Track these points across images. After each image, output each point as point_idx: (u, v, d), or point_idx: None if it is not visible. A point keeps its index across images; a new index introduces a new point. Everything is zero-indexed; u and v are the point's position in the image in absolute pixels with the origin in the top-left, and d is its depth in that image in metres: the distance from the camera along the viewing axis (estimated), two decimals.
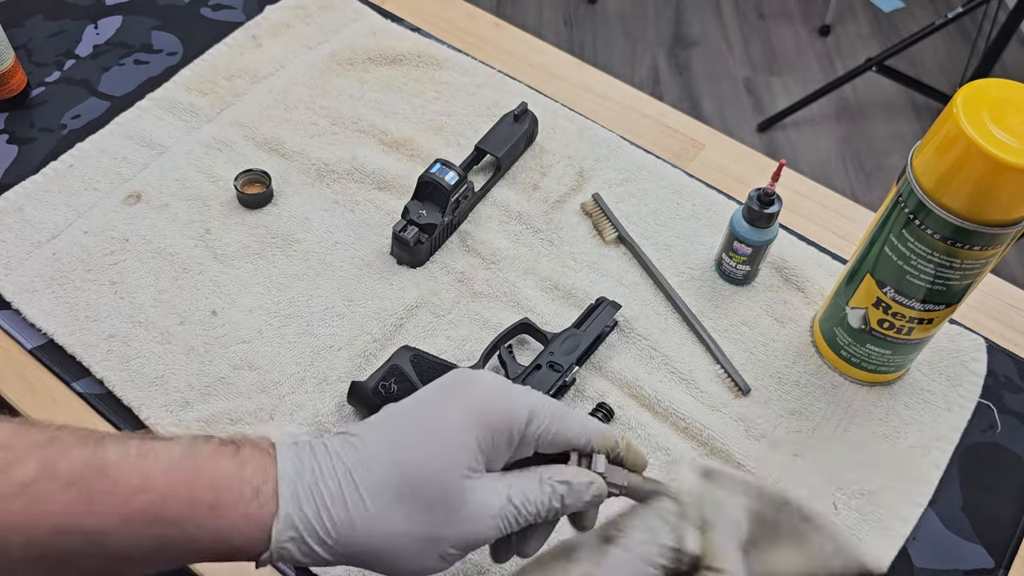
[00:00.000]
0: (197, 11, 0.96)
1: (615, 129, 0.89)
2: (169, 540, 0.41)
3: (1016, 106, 0.55)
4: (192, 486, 0.41)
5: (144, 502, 0.40)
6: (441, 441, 0.44)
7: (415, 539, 0.44)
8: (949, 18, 1.90)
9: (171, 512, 0.41)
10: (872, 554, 0.62)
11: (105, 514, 0.40)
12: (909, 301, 0.63)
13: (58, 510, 0.39)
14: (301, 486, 0.43)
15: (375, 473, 0.44)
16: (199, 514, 0.41)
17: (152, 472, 0.41)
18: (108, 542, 0.40)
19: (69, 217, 0.78)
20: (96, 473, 0.40)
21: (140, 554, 0.41)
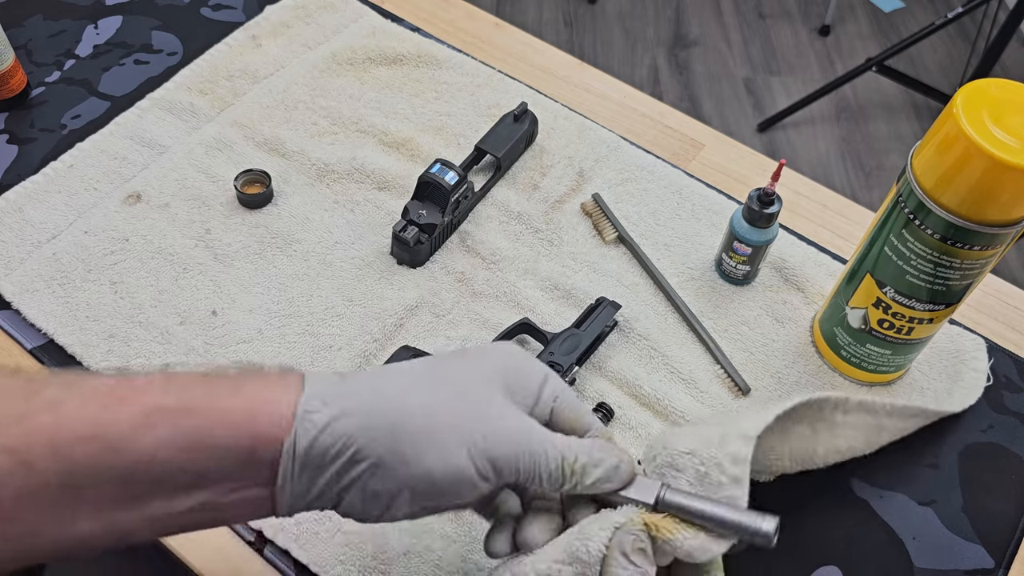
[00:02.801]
0: (197, 11, 0.96)
1: (615, 129, 0.89)
2: (191, 436, 0.39)
3: (1016, 106, 0.55)
4: (215, 378, 0.41)
5: (164, 400, 0.39)
6: (468, 371, 0.45)
7: (439, 410, 0.42)
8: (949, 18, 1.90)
9: (193, 402, 0.40)
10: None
11: (125, 416, 0.39)
12: (909, 301, 0.63)
13: (80, 416, 0.38)
14: (331, 376, 0.43)
15: (403, 369, 0.44)
16: (221, 400, 0.40)
17: (175, 377, 0.41)
18: (131, 447, 0.39)
19: (69, 217, 0.78)
20: (120, 383, 0.40)
21: (166, 460, 0.39)
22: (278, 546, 0.62)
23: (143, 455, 0.39)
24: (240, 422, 0.40)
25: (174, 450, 0.39)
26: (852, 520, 0.65)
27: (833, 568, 0.63)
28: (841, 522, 0.65)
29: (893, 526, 0.65)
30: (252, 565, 0.62)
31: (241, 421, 0.40)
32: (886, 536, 0.65)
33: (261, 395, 0.41)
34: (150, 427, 0.39)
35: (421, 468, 0.42)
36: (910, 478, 0.67)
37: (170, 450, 0.39)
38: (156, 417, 0.39)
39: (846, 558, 0.63)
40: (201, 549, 0.62)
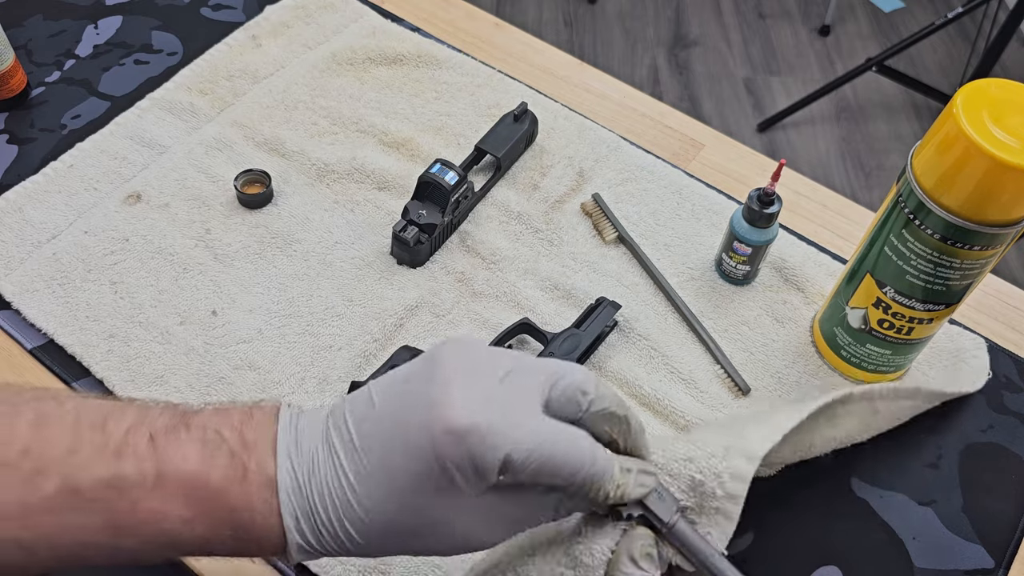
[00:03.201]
0: (197, 11, 0.96)
1: (615, 129, 0.89)
2: (189, 551, 0.43)
3: (1016, 106, 0.55)
4: (210, 514, 0.41)
5: (165, 530, 0.41)
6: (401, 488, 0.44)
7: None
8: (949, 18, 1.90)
9: (192, 538, 0.42)
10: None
11: (126, 537, 0.41)
12: (909, 301, 0.63)
13: (81, 528, 0.40)
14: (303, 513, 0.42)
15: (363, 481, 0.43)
16: (219, 538, 0.42)
17: (171, 498, 0.41)
18: (131, 556, 0.42)
19: (69, 217, 0.78)
20: (116, 495, 0.41)
21: (171, 552, 0.43)
22: None
23: (147, 559, 0.42)
24: (242, 551, 0.43)
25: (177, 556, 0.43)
26: (852, 520, 0.65)
27: (833, 568, 0.63)
28: (841, 522, 0.65)
29: (893, 526, 0.65)
30: (252, 565, 0.62)
31: (242, 550, 0.43)
32: (886, 536, 0.65)
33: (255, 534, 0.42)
34: (153, 549, 0.42)
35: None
36: (910, 478, 0.67)
37: (173, 556, 0.43)
38: (157, 544, 0.41)
39: (846, 558, 0.63)
40: None
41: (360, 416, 0.42)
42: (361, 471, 0.41)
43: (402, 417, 0.41)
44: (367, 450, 0.41)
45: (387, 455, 0.41)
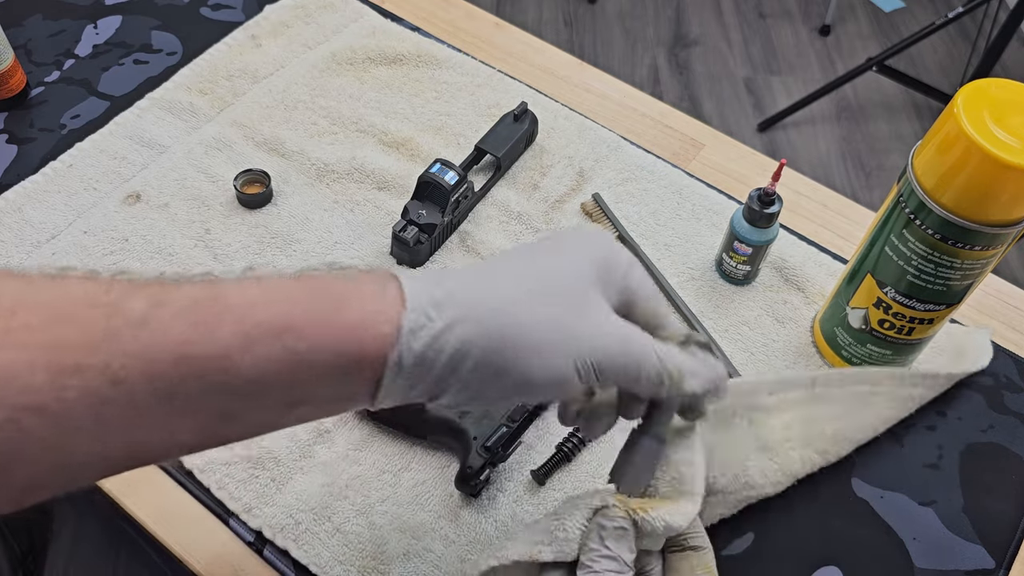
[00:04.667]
0: (196, 11, 0.96)
1: (615, 129, 0.89)
2: (293, 355, 0.37)
3: (1017, 106, 0.55)
4: (314, 291, 0.39)
5: (264, 316, 0.37)
6: (569, 261, 0.44)
7: (550, 324, 0.42)
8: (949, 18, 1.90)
9: (294, 320, 0.38)
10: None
11: (224, 334, 0.37)
12: (910, 301, 0.63)
13: (175, 337, 0.36)
14: (429, 282, 0.41)
15: (507, 271, 0.43)
16: (323, 316, 0.38)
17: (269, 289, 0.38)
18: (231, 367, 0.37)
19: (69, 217, 0.78)
20: (211, 299, 0.37)
21: (264, 381, 0.38)
22: (277, 547, 0.61)
23: (244, 377, 0.37)
24: (345, 341, 0.38)
25: (276, 371, 0.37)
26: (852, 520, 0.65)
27: (833, 568, 0.63)
28: (841, 522, 0.65)
29: (893, 526, 0.65)
30: (251, 566, 0.62)
31: (346, 340, 0.38)
32: (886, 536, 0.65)
33: (364, 311, 0.39)
34: (249, 348, 0.37)
35: (525, 378, 0.42)
36: (910, 478, 0.67)
37: (272, 372, 0.37)
38: (255, 336, 0.37)
39: (846, 558, 0.63)
40: (201, 550, 0.62)
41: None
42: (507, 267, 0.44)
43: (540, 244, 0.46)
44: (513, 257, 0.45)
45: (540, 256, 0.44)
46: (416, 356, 0.40)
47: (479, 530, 0.63)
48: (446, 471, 0.65)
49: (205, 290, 0.37)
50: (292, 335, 0.37)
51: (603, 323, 0.43)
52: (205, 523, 0.63)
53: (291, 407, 0.40)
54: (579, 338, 0.42)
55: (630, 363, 0.43)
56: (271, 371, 0.37)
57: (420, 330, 0.39)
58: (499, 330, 0.41)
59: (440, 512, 0.63)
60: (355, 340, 0.39)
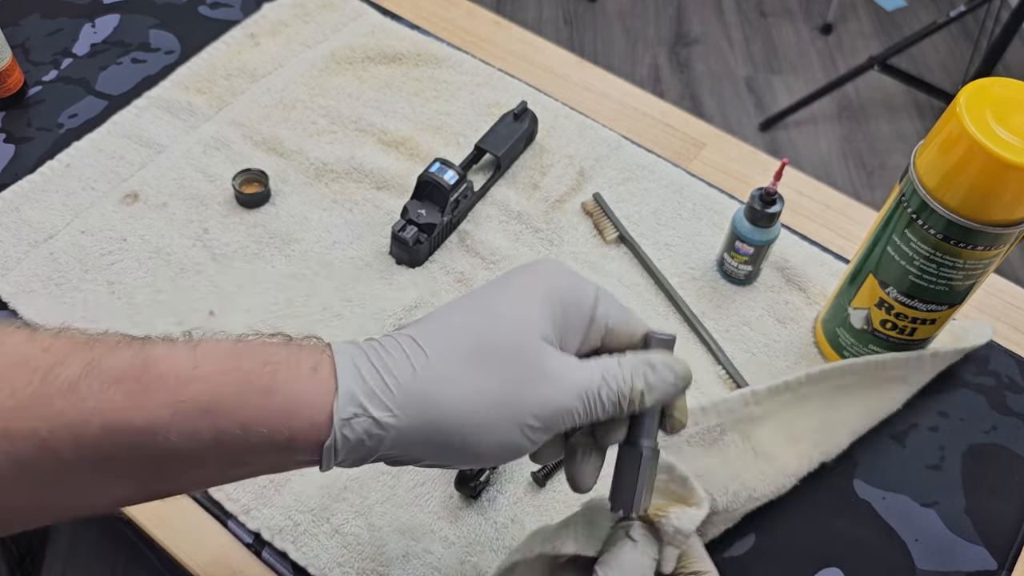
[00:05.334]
0: (195, 9, 0.96)
1: (616, 128, 0.88)
2: (223, 433, 0.38)
3: (1019, 105, 0.54)
4: (245, 370, 0.38)
5: (194, 392, 0.37)
6: (514, 306, 0.42)
7: (490, 402, 0.40)
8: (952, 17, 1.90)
9: (223, 399, 0.38)
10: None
11: (154, 408, 0.37)
12: (912, 302, 0.63)
13: (105, 407, 0.36)
14: (361, 360, 0.40)
15: (443, 336, 0.41)
16: (254, 399, 0.38)
17: (202, 362, 0.38)
18: (160, 439, 0.37)
19: (66, 217, 0.78)
20: (143, 368, 0.37)
21: (195, 451, 0.38)
22: (276, 548, 0.61)
23: (175, 448, 0.37)
24: (276, 427, 0.38)
25: (208, 446, 0.38)
26: (854, 522, 0.65)
27: (835, 570, 0.62)
28: (843, 523, 0.65)
29: (895, 527, 0.65)
30: (250, 567, 0.62)
31: (277, 426, 0.38)
32: (888, 538, 0.64)
33: (295, 397, 0.39)
34: (177, 424, 0.37)
35: (474, 453, 0.41)
36: (912, 479, 0.67)
37: (203, 445, 0.38)
38: (184, 412, 0.37)
39: (848, 560, 0.63)
40: (200, 552, 0.62)
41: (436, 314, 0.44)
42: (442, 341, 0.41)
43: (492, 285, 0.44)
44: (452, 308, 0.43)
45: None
46: (353, 443, 0.40)
47: (479, 532, 0.62)
48: (445, 472, 0.65)
49: (138, 357, 0.38)
50: (221, 415, 0.38)
51: (554, 377, 0.41)
52: (203, 525, 0.63)
53: (229, 470, 0.40)
54: (521, 405, 0.41)
55: (579, 406, 0.42)
56: (203, 444, 0.38)
57: (353, 420, 0.39)
58: (436, 421, 0.40)
59: (439, 514, 0.63)
60: (285, 427, 0.39)
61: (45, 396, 0.36)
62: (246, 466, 0.40)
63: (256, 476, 0.42)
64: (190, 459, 0.38)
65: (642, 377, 0.43)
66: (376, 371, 0.40)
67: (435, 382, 0.40)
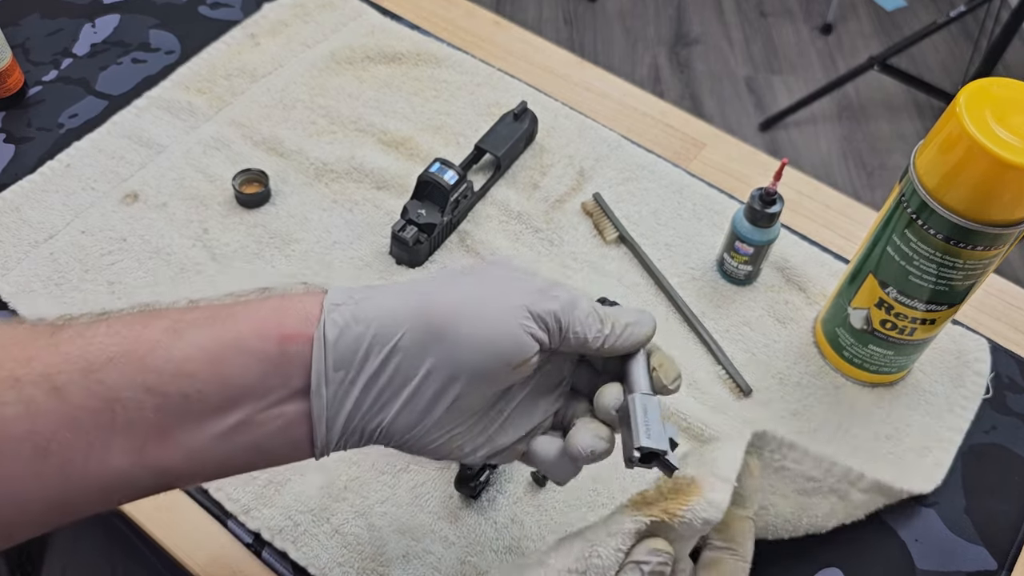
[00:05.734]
0: (195, 9, 0.96)
1: (616, 128, 0.88)
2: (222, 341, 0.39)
3: (1019, 105, 0.54)
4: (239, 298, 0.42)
5: (192, 314, 0.40)
6: (502, 291, 0.44)
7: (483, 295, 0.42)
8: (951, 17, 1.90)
9: (220, 311, 0.40)
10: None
11: (153, 328, 0.39)
12: (912, 301, 0.63)
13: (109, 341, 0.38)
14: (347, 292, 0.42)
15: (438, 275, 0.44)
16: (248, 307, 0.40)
17: (200, 302, 0.43)
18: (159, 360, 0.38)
19: (66, 217, 0.78)
20: (143, 312, 0.40)
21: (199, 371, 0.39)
22: (276, 548, 0.61)
23: (172, 367, 0.38)
24: (268, 322, 0.39)
25: (203, 360, 0.38)
26: (854, 522, 0.65)
27: (835, 570, 0.62)
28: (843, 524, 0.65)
29: (895, 527, 0.65)
30: (250, 567, 0.62)
31: (269, 321, 0.39)
32: (888, 538, 0.64)
33: (287, 299, 0.41)
34: (178, 336, 0.38)
35: (468, 340, 0.40)
36: None
37: (199, 360, 0.38)
38: (183, 326, 0.39)
39: (848, 560, 0.63)
40: (200, 552, 0.62)
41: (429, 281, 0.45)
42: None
43: (479, 291, 0.43)
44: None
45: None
46: (341, 329, 0.40)
47: (479, 532, 0.62)
48: (445, 472, 0.65)
49: (137, 311, 0.41)
50: (216, 323, 0.39)
51: (542, 285, 0.44)
52: (203, 524, 0.63)
53: (221, 413, 0.39)
54: (517, 293, 0.42)
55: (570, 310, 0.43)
56: (198, 361, 0.38)
57: (342, 305, 0.40)
58: (428, 307, 0.41)
59: (439, 514, 0.63)
60: (277, 321, 0.40)
61: (53, 344, 0.37)
62: (239, 408, 0.39)
63: (255, 454, 0.41)
64: (187, 393, 0.38)
65: (624, 313, 0.46)
66: (363, 294, 0.41)
67: (427, 283, 0.42)
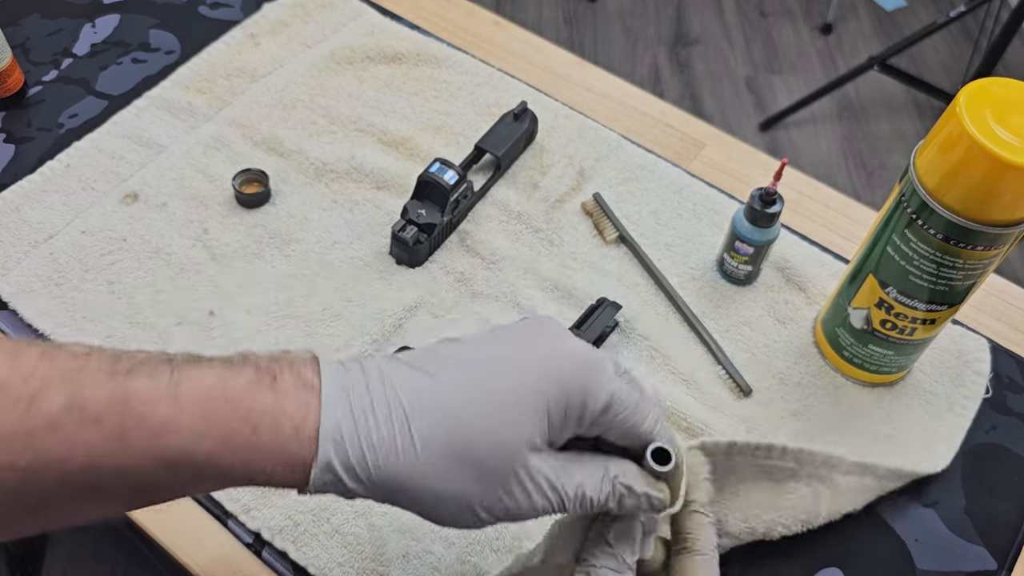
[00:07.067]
0: (195, 9, 0.96)
1: (616, 128, 0.88)
2: (204, 476, 0.39)
3: (1019, 105, 0.54)
4: (226, 422, 0.38)
5: (175, 441, 0.38)
6: (512, 406, 0.40)
7: (455, 498, 0.40)
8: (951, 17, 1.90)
9: (204, 449, 0.38)
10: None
11: (135, 452, 0.38)
12: (912, 301, 0.63)
13: (88, 447, 0.37)
14: (347, 427, 0.39)
15: (434, 422, 0.40)
16: (233, 452, 0.38)
17: (184, 406, 0.38)
18: (141, 477, 0.38)
19: (66, 217, 0.78)
20: (123, 407, 0.38)
21: (175, 486, 0.40)
22: (276, 548, 0.61)
23: (156, 483, 0.39)
24: (254, 473, 0.39)
25: (189, 484, 0.40)
26: (854, 522, 0.65)
27: (835, 570, 0.62)
28: (843, 524, 0.64)
29: (895, 527, 0.65)
30: (250, 568, 0.62)
31: (255, 473, 0.39)
32: (888, 538, 0.64)
33: (275, 455, 0.39)
34: (161, 468, 0.38)
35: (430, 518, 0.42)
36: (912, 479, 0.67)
37: (184, 483, 0.40)
38: (167, 459, 0.38)
39: (848, 560, 0.63)
40: (200, 552, 0.62)
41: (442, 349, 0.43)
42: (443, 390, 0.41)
43: (504, 351, 0.42)
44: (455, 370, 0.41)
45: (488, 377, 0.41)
46: (325, 489, 0.41)
47: (479, 532, 0.62)
48: None
49: (118, 392, 0.38)
50: (202, 465, 0.39)
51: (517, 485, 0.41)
52: (203, 525, 0.63)
53: (206, 491, 0.42)
54: (478, 502, 0.41)
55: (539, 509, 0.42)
56: (183, 483, 0.39)
57: (327, 483, 0.40)
58: (402, 501, 0.41)
59: None
60: (264, 475, 0.40)
61: (27, 431, 0.36)
62: (226, 487, 0.41)
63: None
64: (171, 491, 0.40)
65: (616, 501, 0.43)
66: (360, 445, 0.39)
67: (411, 471, 0.40)
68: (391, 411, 0.40)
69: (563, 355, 0.42)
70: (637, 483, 0.44)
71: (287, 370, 0.40)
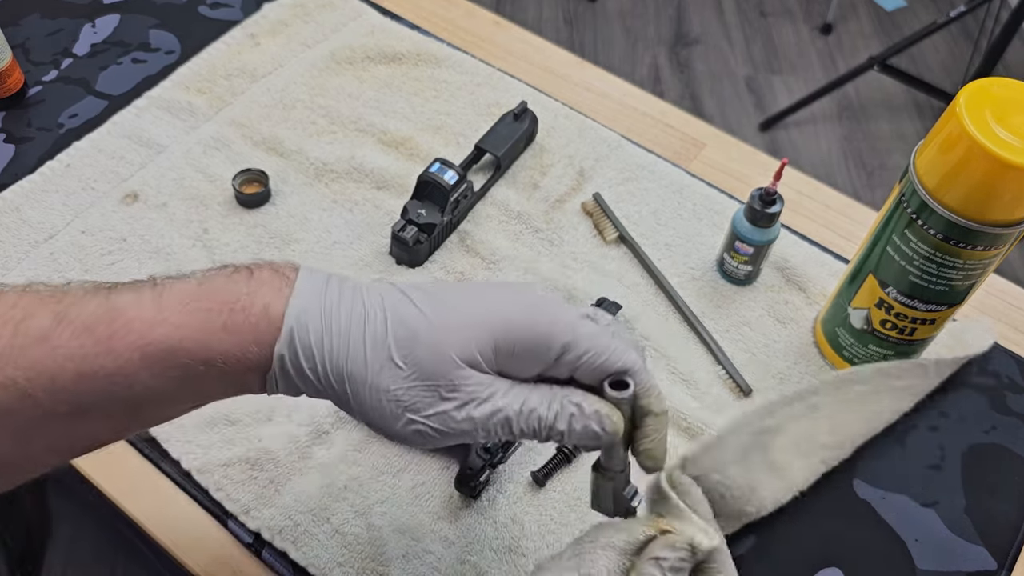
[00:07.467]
0: (195, 9, 0.96)
1: (616, 128, 0.88)
2: (189, 370, 0.41)
3: (1019, 105, 0.54)
4: (204, 310, 0.41)
5: (160, 335, 0.40)
6: (458, 327, 0.43)
7: (395, 400, 0.42)
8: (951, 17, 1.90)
9: (186, 338, 0.40)
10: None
11: (124, 353, 0.39)
12: (912, 302, 0.63)
13: (77, 354, 0.39)
14: (312, 313, 0.42)
15: (391, 325, 0.42)
16: (211, 334, 0.41)
17: (167, 305, 0.41)
18: (131, 382, 0.40)
19: (66, 217, 0.78)
20: (111, 315, 0.40)
21: (165, 391, 0.41)
22: (276, 548, 0.61)
23: (145, 387, 0.40)
24: (231, 360, 0.41)
25: (173, 384, 0.41)
26: (854, 522, 0.65)
27: (835, 570, 0.62)
28: (843, 524, 0.65)
29: (895, 528, 0.65)
30: (250, 568, 0.62)
31: (232, 360, 0.41)
32: (888, 538, 0.64)
33: (247, 332, 0.42)
34: (147, 366, 0.40)
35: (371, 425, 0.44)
36: (912, 479, 0.67)
37: (168, 384, 0.41)
38: (152, 354, 0.40)
39: (848, 560, 0.63)
40: (200, 552, 0.62)
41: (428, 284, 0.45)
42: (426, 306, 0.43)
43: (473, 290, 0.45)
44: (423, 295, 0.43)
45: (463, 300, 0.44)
46: (285, 375, 0.42)
47: (479, 531, 0.62)
48: (445, 472, 0.65)
49: (105, 305, 0.40)
50: (185, 354, 0.40)
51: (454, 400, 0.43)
52: (203, 525, 0.63)
53: (187, 404, 0.43)
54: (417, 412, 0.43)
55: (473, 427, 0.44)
56: (170, 382, 0.41)
57: (285, 361, 0.42)
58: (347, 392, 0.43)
59: (439, 513, 0.63)
60: (240, 362, 0.42)
61: (19, 347, 0.38)
62: (208, 397, 0.43)
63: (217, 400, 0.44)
64: (160, 397, 0.41)
65: (566, 420, 0.44)
66: (320, 331, 0.42)
67: (359, 365, 0.42)
68: (352, 309, 0.43)
69: (519, 299, 0.45)
70: (586, 400, 0.44)
71: (266, 267, 0.43)
